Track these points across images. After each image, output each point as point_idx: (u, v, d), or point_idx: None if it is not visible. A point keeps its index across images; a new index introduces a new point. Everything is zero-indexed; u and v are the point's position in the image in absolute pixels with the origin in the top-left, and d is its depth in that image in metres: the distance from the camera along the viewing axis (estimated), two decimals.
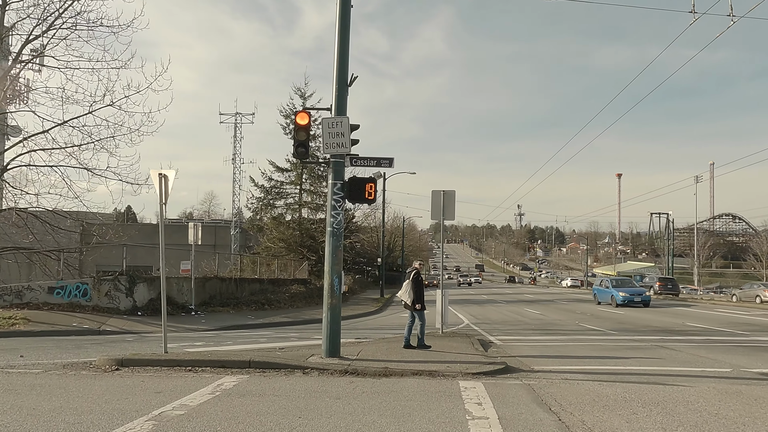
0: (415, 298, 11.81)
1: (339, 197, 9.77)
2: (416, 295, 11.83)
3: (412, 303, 11.86)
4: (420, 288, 11.96)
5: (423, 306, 11.96)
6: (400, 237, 73.17)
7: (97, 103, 21.42)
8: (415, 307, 11.84)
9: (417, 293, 11.84)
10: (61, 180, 23.60)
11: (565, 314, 25.30)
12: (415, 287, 11.87)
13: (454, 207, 15.16)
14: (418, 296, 11.85)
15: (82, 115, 22.64)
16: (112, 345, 13.02)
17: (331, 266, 9.68)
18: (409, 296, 11.83)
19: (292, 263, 37.05)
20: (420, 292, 11.91)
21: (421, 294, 11.96)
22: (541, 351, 12.54)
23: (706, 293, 52.31)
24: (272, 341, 14.29)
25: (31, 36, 21.57)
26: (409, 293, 11.85)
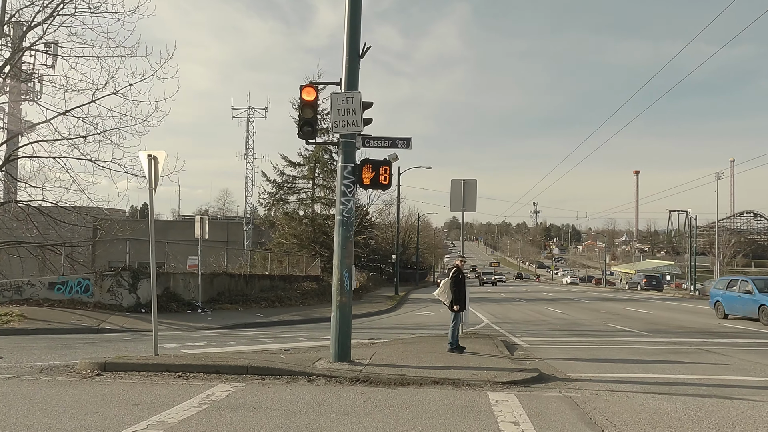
0: (454, 299, 10.85)
1: (350, 182, 8.68)
2: (455, 295, 10.86)
3: (450, 303, 10.92)
4: (460, 288, 10.97)
5: (463, 307, 11.01)
6: (415, 234, 72.05)
7: (99, 91, 20.59)
8: (453, 308, 10.91)
9: (456, 293, 10.86)
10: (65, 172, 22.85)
11: (589, 313, 24.01)
12: (455, 286, 10.89)
13: (475, 197, 14.01)
14: (458, 296, 10.86)
15: (84, 104, 21.82)
16: (106, 345, 12.07)
17: (341, 259, 8.59)
18: (447, 296, 10.94)
19: (305, 259, 36.07)
20: (460, 292, 10.93)
21: (462, 294, 10.98)
22: (572, 354, 11.35)
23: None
24: (279, 341, 13.26)
25: (32, 23, 20.76)
26: (447, 293, 10.92)
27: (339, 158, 8.81)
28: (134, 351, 10.79)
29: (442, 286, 11.02)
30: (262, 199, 42.12)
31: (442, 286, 11.04)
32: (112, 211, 29.18)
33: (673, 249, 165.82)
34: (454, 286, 10.89)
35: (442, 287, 11.01)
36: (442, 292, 10.98)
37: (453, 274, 10.98)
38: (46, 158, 22.20)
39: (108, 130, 21.17)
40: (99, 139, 21.31)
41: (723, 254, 71.93)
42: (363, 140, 8.91)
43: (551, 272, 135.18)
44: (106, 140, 21.25)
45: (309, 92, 8.83)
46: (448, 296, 10.89)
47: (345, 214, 8.64)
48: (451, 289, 10.90)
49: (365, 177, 8.74)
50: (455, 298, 10.87)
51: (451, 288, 10.90)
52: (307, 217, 40.41)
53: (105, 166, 21.48)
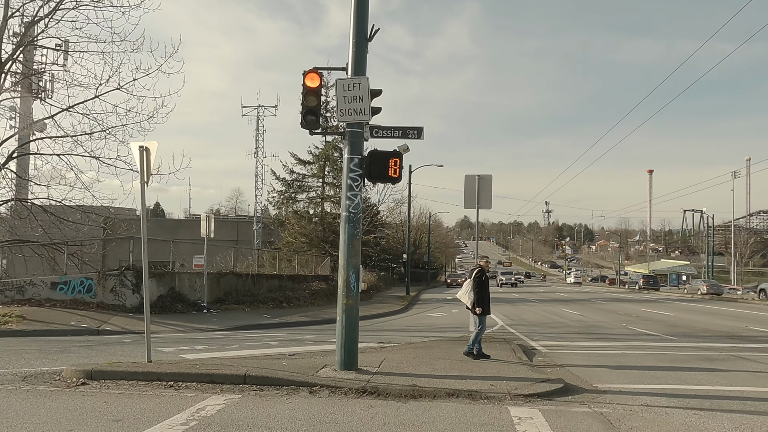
0: (476, 300, 10.16)
1: (356, 175, 8.00)
2: (478, 296, 10.17)
3: (472, 305, 10.25)
4: (483, 289, 10.29)
5: (486, 310, 10.32)
6: (426, 233, 71.25)
7: (102, 86, 20.08)
8: (475, 310, 10.24)
9: (479, 295, 10.18)
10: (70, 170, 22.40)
11: (607, 315, 23.17)
12: (478, 288, 10.20)
13: (490, 194, 13.29)
14: (481, 298, 10.18)
15: (88, 99, 21.32)
16: (103, 349, 11.49)
17: (347, 259, 7.92)
18: (469, 297, 10.26)
19: (314, 259, 35.47)
20: (483, 294, 10.25)
21: (485, 296, 10.30)
22: (596, 360, 10.61)
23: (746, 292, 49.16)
24: (284, 345, 12.63)
25: (36, 17, 20.29)
26: (469, 294, 10.25)
27: (345, 150, 8.14)
28: (130, 355, 10.18)
29: (465, 287, 10.33)
30: (272, 197, 41.68)
31: (464, 287, 10.36)
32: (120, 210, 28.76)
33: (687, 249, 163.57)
34: (477, 288, 10.19)
35: (465, 288, 10.33)
36: (464, 294, 10.29)
37: (476, 275, 10.29)
38: (50, 155, 21.79)
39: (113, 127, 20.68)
40: (104, 136, 20.84)
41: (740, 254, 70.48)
42: (371, 130, 8.23)
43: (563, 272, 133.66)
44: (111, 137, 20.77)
45: (313, 78, 8.17)
46: (470, 298, 10.19)
47: (351, 210, 7.97)
48: (474, 290, 10.20)
49: (373, 170, 8.06)
50: (478, 300, 10.17)
51: (474, 289, 10.20)
52: (316, 216, 39.84)
53: (110, 163, 21.00)
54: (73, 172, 22.05)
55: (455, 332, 16.23)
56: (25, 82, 21.82)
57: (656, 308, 28.03)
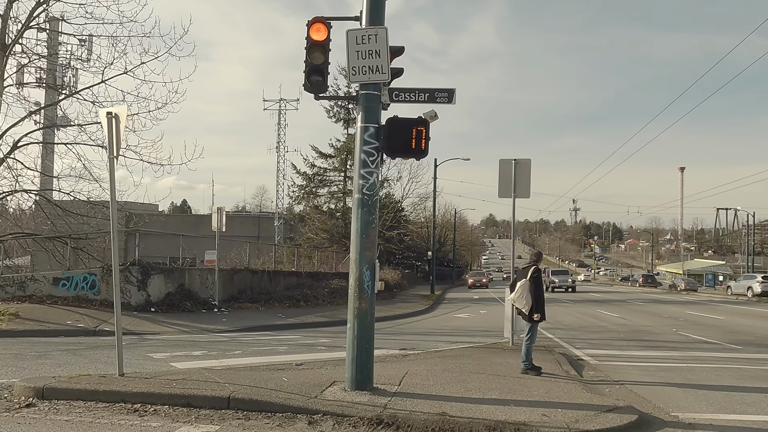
0: (535, 305, 8.55)
1: (372, 148, 6.45)
2: (537, 301, 8.56)
3: (529, 312, 8.60)
4: (541, 291, 8.69)
5: (543, 316, 8.69)
6: (450, 230, 69.35)
7: (109, 69, 18.89)
8: (532, 317, 8.60)
9: (538, 298, 8.57)
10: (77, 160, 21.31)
11: (650, 318, 21.24)
12: (536, 290, 8.60)
13: (529, 180, 11.64)
14: (539, 302, 8.58)
15: (95, 84, 20.18)
16: (88, 354, 10.16)
17: (360, 251, 6.38)
18: (525, 302, 8.60)
19: (335, 255, 34.05)
20: (541, 297, 8.65)
21: (542, 299, 8.69)
22: (660, 377, 8.89)
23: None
24: (293, 351, 11.16)
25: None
26: (525, 297, 8.59)
27: (358, 117, 6.59)
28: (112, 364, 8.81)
29: (519, 289, 8.67)
30: (292, 192, 40.41)
31: (518, 289, 8.69)
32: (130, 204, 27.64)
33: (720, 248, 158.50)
34: (535, 291, 8.56)
35: (520, 291, 8.65)
36: (520, 297, 8.62)
37: (533, 274, 8.66)
38: (57, 144, 20.70)
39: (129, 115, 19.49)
40: None
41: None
42: (391, 94, 6.68)
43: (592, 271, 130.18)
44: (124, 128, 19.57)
45: (318, 30, 6.64)
46: (528, 302, 8.55)
47: (366, 191, 6.42)
48: (532, 293, 8.56)
49: (393, 141, 6.50)
50: (536, 304, 8.54)
51: (532, 292, 8.57)
52: (338, 211, 38.47)
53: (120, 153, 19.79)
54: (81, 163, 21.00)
55: (486, 337, 14.59)
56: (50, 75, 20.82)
57: (702, 311, 25.92)
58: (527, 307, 8.55)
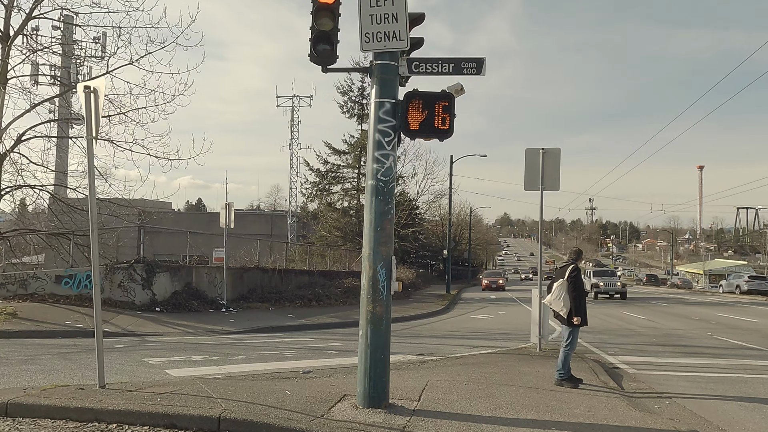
0: (574, 308, 7.65)
1: (388, 126, 5.57)
2: (576, 303, 7.65)
3: (567, 315, 7.68)
4: (581, 293, 7.79)
5: (585, 320, 7.77)
6: (466, 229, 68.24)
7: (113, 57, 18.22)
8: (572, 321, 7.69)
9: (577, 300, 7.67)
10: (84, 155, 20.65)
11: (679, 321, 20.13)
12: (574, 291, 7.69)
13: (558, 172, 10.68)
14: (579, 305, 7.67)
15: (98, 76, 19.52)
16: (79, 358, 9.40)
17: (374, 247, 5.50)
18: (563, 303, 7.69)
19: (348, 254, 33.22)
20: (581, 300, 7.75)
21: (583, 301, 7.78)
22: (711, 389, 7.92)
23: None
24: (302, 355, 10.31)
25: None
26: (563, 299, 7.68)
27: (372, 92, 5.70)
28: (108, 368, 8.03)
29: (556, 290, 7.74)
30: (305, 189, 39.62)
31: (555, 290, 7.77)
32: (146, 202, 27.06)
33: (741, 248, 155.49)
34: (574, 291, 7.64)
35: (556, 291, 7.74)
36: (557, 299, 7.70)
37: (571, 274, 7.75)
38: (61, 138, 20.09)
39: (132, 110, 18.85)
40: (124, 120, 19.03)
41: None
42: (410, 65, 5.78)
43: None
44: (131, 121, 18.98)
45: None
46: (566, 305, 7.63)
47: (381, 176, 5.53)
48: (570, 294, 7.64)
49: (413, 119, 5.60)
50: (576, 307, 7.62)
51: (570, 293, 7.65)
52: (352, 209, 37.63)
53: (126, 147, 19.19)
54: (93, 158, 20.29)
55: (508, 340, 13.66)
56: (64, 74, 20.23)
57: (731, 312, 24.70)
58: (565, 310, 7.62)
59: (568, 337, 7.74)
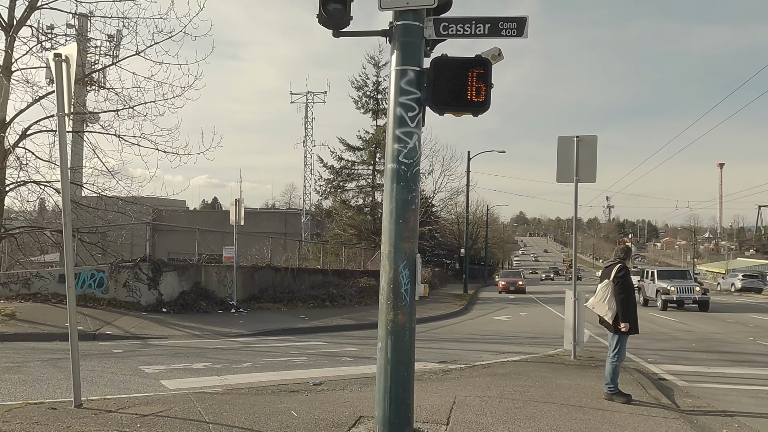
0: (621, 312, 6.62)
1: (411, 99, 4.65)
2: (624, 306, 6.61)
3: (613, 320, 6.66)
4: (631, 296, 6.75)
5: (635, 327, 6.71)
6: (482, 227, 67.05)
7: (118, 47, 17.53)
8: (618, 327, 6.65)
9: (625, 304, 6.62)
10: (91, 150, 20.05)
11: (716, 324, 18.98)
12: (622, 293, 6.65)
13: (594, 162, 9.69)
14: (627, 309, 6.63)
15: (104, 67, 18.87)
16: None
17: (395, 243, 4.58)
18: (608, 307, 6.67)
19: (363, 252, 32.36)
20: (631, 303, 6.71)
21: (632, 305, 6.74)
22: None
23: None
24: (313, 363, 9.43)
25: None
26: (608, 302, 6.67)
27: (392, 58, 4.78)
28: (93, 381, 7.24)
29: (600, 292, 6.76)
30: (319, 186, 38.82)
31: (599, 292, 6.79)
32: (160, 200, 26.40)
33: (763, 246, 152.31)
34: (622, 293, 6.64)
35: (601, 294, 6.75)
36: (601, 302, 6.71)
37: (618, 274, 6.72)
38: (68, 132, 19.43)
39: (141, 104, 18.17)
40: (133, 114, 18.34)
41: None
42: (437, 26, 4.84)
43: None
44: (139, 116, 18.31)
45: None
46: (611, 308, 6.64)
47: (403, 158, 4.61)
48: (617, 297, 6.64)
49: (441, 90, 4.67)
50: (624, 311, 6.59)
51: (617, 296, 6.64)
52: (366, 206, 36.77)
53: (134, 142, 18.49)
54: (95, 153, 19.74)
55: (535, 345, 12.70)
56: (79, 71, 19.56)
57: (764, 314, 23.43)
58: (610, 314, 6.64)
59: (615, 346, 6.76)
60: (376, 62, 36.42)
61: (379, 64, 36.49)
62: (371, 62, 36.61)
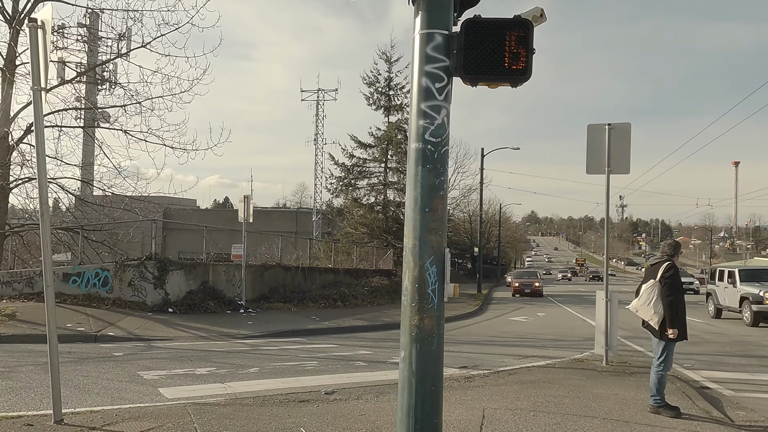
0: (669, 317, 5.87)
1: (439, 68, 3.97)
2: (672, 309, 5.87)
3: (659, 326, 5.92)
4: (680, 298, 5.97)
5: (683, 333, 5.96)
6: (494, 226, 66.22)
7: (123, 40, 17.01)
8: (665, 333, 5.91)
9: (674, 307, 5.87)
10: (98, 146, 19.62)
11: (741, 325, 18.14)
12: (670, 294, 5.89)
13: (628, 152, 8.97)
14: (675, 313, 5.87)
15: (111, 59, 18.38)
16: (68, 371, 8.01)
17: (420, 236, 3.90)
18: (654, 311, 5.94)
19: (375, 251, 31.70)
20: (678, 306, 5.93)
21: (681, 308, 5.96)
22: None
23: None
24: (324, 368, 8.79)
25: None
26: (654, 304, 5.93)
27: (416, 21, 4.11)
28: (85, 389, 6.66)
29: (645, 293, 6.05)
30: (330, 184, 38.11)
31: (644, 293, 6.08)
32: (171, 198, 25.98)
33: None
34: (669, 295, 5.90)
35: (645, 295, 6.04)
36: (645, 304, 6.00)
37: (665, 274, 5.98)
38: (73, 128, 18.96)
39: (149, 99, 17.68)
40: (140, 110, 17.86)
41: None
42: None
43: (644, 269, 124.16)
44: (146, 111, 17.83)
45: None
46: (657, 312, 5.93)
47: (430, 136, 3.94)
48: (664, 299, 5.89)
49: (473, 57, 3.99)
50: (672, 316, 5.85)
51: (664, 298, 5.89)
52: (378, 204, 36.06)
53: (141, 138, 18.01)
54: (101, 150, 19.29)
55: (559, 348, 12.00)
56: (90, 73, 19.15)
57: None
58: (656, 319, 5.93)
59: (662, 354, 6.05)
60: (387, 58, 35.72)
61: (390, 60, 35.79)
62: (383, 58, 35.90)
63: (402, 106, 35.77)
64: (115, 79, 19.02)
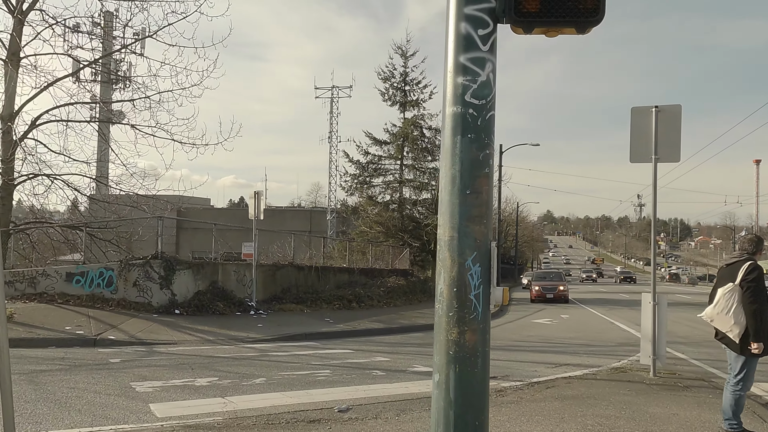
0: (754, 328, 4.89)
1: (483, 9, 3.08)
2: (756, 319, 4.88)
3: (740, 338, 4.96)
4: (764, 303, 4.96)
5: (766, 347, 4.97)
6: (511, 225, 64.99)
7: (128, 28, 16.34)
8: (747, 348, 4.96)
9: (757, 316, 4.89)
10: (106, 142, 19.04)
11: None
12: (754, 302, 4.91)
13: (678, 137, 7.99)
14: (760, 324, 4.89)
15: (116, 50, 17.72)
16: (57, 381, 7.25)
17: (460, 225, 3.01)
18: (734, 321, 4.97)
19: (391, 250, 30.82)
20: (764, 314, 4.93)
21: (766, 316, 4.95)
22: None
23: None
24: (337, 379, 7.93)
25: None
26: (734, 313, 4.97)
27: None
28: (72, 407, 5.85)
29: (723, 300, 5.10)
30: (344, 182, 37.30)
31: (721, 300, 5.12)
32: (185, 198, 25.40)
33: None
34: (753, 303, 4.91)
35: (723, 302, 5.08)
36: (723, 312, 5.05)
37: (747, 276, 4.99)
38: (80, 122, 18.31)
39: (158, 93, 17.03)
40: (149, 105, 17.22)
41: None
42: None
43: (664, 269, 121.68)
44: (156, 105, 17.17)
45: None
46: (739, 323, 4.97)
47: (471, 98, 3.05)
48: (747, 308, 4.92)
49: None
50: (756, 327, 4.88)
51: (747, 306, 4.92)
52: (394, 202, 35.19)
53: (149, 133, 17.38)
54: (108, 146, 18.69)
55: (592, 355, 11.04)
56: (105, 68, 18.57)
57: None
58: (737, 330, 4.97)
59: (740, 371, 5.10)
60: (403, 52, 34.82)
61: (406, 54, 34.89)
62: (398, 52, 35.00)
63: (418, 101, 34.86)
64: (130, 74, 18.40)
